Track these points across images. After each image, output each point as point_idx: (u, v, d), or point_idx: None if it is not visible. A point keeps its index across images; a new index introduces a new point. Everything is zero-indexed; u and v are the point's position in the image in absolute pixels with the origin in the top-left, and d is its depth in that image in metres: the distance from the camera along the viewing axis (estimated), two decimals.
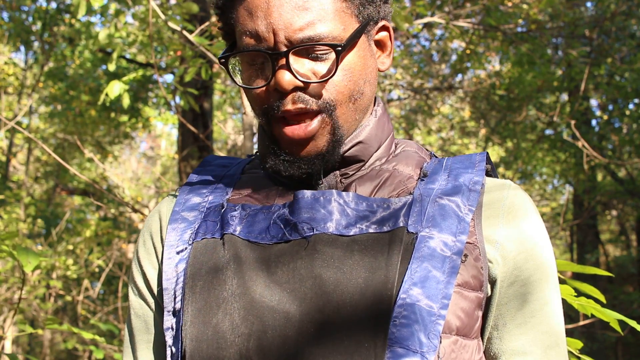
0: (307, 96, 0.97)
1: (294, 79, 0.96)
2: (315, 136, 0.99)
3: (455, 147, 11.93)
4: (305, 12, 0.95)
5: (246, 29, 0.98)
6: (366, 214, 0.98)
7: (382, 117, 1.08)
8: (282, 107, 0.97)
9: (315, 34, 0.95)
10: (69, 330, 2.16)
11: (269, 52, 0.96)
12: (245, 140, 2.72)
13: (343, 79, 0.98)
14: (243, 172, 1.12)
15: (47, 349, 9.15)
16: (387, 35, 1.06)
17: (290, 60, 0.96)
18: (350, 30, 0.98)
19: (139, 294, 1.10)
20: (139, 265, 1.10)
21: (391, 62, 1.08)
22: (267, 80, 0.98)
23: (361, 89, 1.01)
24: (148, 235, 1.11)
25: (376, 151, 1.06)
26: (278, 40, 0.95)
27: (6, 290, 6.88)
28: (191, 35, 3.05)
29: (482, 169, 1.05)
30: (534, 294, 1.02)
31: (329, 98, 0.98)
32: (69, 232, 8.72)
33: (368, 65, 1.02)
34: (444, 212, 0.98)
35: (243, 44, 0.98)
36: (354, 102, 1.00)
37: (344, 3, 0.98)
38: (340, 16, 0.97)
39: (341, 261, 0.94)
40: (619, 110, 9.97)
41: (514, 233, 1.02)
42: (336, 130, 1.00)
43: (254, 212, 1.02)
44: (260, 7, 0.96)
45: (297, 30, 0.95)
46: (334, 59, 0.97)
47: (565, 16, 8.58)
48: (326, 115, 0.98)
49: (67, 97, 9.49)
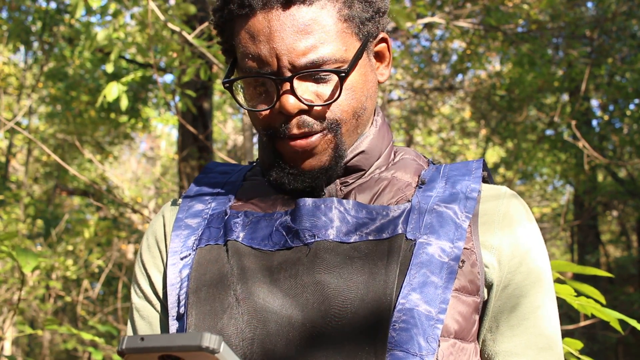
0: (311, 119, 0.99)
1: (298, 103, 0.97)
2: (318, 152, 1.01)
3: (456, 148, 11.93)
4: (308, 36, 0.96)
5: (248, 52, 0.98)
6: (366, 221, 1.00)
7: (382, 126, 1.09)
8: (288, 131, 0.99)
9: (319, 57, 0.96)
10: (68, 331, 2.16)
11: (272, 77, 0.97)
12: (245, 140, 2.71)
13: (346, 99, 1.00)
14: (244, 179, 1.14)
15: (47, 349, 9.14)
16: (385, 46, 1.08)
17: (295, 84, 0.97)
18: (352, 49, 0.99)
19: (144, 297, 1.12)
20: (144, 269, 1.12)
21: (390, 72, 1.10)
22: (271, 102, 1.00)
23: (364, 105, 1.03)
24: (153, 240, 1.13)
25: (377, 160, 1.08)
26: (282, 65, 0.96)
27: (6, 291, 6.87)
28: (190, 36, 3.04)
29: (478, 176, 1.07)
30: (527, 298, 1.04)
31: (333, 118, 1.00)
32: (69, 233, 8.71)
33: (369, 81, 1.04)
34: (442, 220, 1.00)
35: (246, 66, 0.99)
36: (357, 118, 1.03)
37: (344, 23, 0.98)
38: (342, 37, 0.98)
39: (342, 268, 0.96)
40: (620, 110, 9.97)
41: (509, 238, 1.04)
42: (339, 146, 1.02)
43: (256, 219, 1.04)
44: (262, 32, 0.97)
45: (300, 54, 0.96)
46: (337, 81, 0.99)
47: (566, 16, 8.57)
48: (330, 133, 1.01)
49: (67, 97, 9.47)
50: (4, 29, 8.73)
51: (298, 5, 0.96)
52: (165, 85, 7.52)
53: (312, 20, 0.96)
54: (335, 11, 0.97)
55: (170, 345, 0.68)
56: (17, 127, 2.46)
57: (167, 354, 0.69)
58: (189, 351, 0.69)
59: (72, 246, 8.17)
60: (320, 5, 0.97)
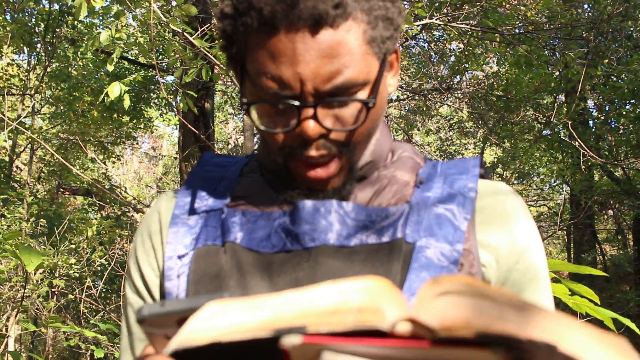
0: (330, 143, 0.95)
1: (320, 129, 0.93)
2: (333, 176, 0.99)
3: (454, 148, 11.97)
4: (333, 60, 0.89)
5: (267, 71, 0.91)
6: (366, 224, 0.98)
7: (383, 130, 1.08)
8: (306, 152, 0.95)
9: (343, 82, 0.91)
10: (71, 329, 2.18)
11: (296, 104, 0.91)
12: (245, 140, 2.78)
13: (366, 123, 0.97)
14: (241, 174, 1.11)
15: (50, 347, 9.19)
16: (395, 56, 1.03)
17: (317, 110, 0.92)
18: (374, 70, 0.94)
19: (137, 293, 1.10)
20: (138, 266, 1.10)
21: (397, 81, 1.05)
22: (288, 123, 0.94)
23: (377, 123, 1.00)
24: (147, 235, 1.11)
25: (380, 164, 1.07)
26: (305, 90, 0.90)
27: (9, 289, 6.92)
28: (192, 37, 3.11)
29: (476, 174, 1.06)
30: (523, 295, 1.04)
31: (352, 141, 0.97)
32: (72, 232, 8.75)
33: (384, 97, 1.00)
34: (440, 221, 0.99)
35: (263, 85, 0.92)
36: (370, 137, 1.01)
37: (367, 45, 0.92)
38: (365, 59, 0.92)
39: (342, 272, 0.95)
40: (616, 110, 9.99)
41: (506, 236, 1.03)
42: (353, 166, 1.00)
43: (254, 219, 1.02)
44: (284, 53, 0.89)
45: (326, 80, 0.90)
46: (360, 106, 0.95)
47: (562, 18, 8.62)
48: (346, 155, 0.98)
49: (70, 98, 9.54)
50: (7, 30, 8.79)
51: (325, 29, 0.88)
52: (167, 86, 7.59)
53: (338, 43, 0.89)
54: (360, 33, 0.91)
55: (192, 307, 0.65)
56: (20, 127, 2.52)
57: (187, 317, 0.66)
58: None
59: (75, 245, 8.20)
60: (346, 28, 0.90)
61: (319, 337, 0.52)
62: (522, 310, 0.53)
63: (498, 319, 0.51)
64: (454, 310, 0.53)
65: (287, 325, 0.53)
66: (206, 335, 0.55)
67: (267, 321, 0.54)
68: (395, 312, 0.54)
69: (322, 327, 0.52)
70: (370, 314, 0.53)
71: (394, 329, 0.52)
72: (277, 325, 0.53)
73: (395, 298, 0.57)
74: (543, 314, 0.53)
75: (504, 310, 0.53)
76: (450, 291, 0.55)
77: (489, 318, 0.51)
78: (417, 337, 0.52)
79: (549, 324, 0.52)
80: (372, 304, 0.54)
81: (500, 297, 0.54)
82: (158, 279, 1.07)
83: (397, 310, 0.55)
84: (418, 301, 0.56)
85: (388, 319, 0.53)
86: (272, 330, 0.53)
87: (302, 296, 0.57)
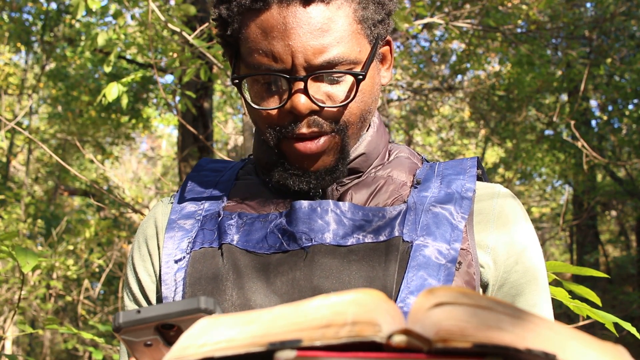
0: (322, 120, 0.97)
1: (311, 104, 0.95)
2: (324, 152, 0.99)
3: (455, 148, 11.94)
4: (324, 35, 0.93)
5: (259, 47, 0.94)
6: (362, 223, 0.99)
7: (379, 127, 1.09)
8: (297, 130, 0.96)
9: (334, 57, 0.94)
10: (68, 331, 2.16)
11: (286, 76, 0.94)
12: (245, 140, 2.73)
13: (356, 102, 0.99)
14: (237, 177, 1.12)
15: (47, 349, 9.15)
16: (388, 48, 1.07)
17: (308, 84, 0.94)
18: (365, 51, 0.97)
19: (134, 300, 1.10)
20: (134, 271, 1.11)
21: (391, 74, 1.08)
22: (280, 100, 0.97)
23: (370, 107, 1.01)
24: (143, 240, 1.11)
25: (374, 160, 1.08)
26: (296, 63, 0.93)
27: (6, 290, 6.88)
28: (191, 37, 3.06)
29: (473, 175, 1.06)
30: (522, 296, 1.04)
31: (343, 120, 0.98)
32: (70, 233, 8.72)
33: (376, 83, 1.02)
34: (438, 221, 0.99)
35: (254, 62, 0.95)
36: (362, 121, 1.01)
37: (358, 25, 0.96)
38: (356, 38, 0.96)
39: (339, 271, 0.95)
40: (619, 110, 9.97)
41: (504, 238, 1.04)
42: (345, 148, 1.00)
43: (250, 221, 1.02)
44: (276, 27, 0.93)
45: (317, 53, 0.93)
46: (351, 83, 0.97)
47: (565, 17, 8.58)
48: (338, 135, 0.99)
49: (68, 97, 9.49)
50: (4, 29, 8.74)
51: (316, 4, 0.93)
52: (166, 86, 7.54)
53: (329, 19, 0.93)
54: (351, 11, 0.95)
55: (169, 313, 0.66)
56: (18, 128, 2.47)
57: (164, 323, 0.67)
58: (187, 315, 0.68)
59: (72, 246, 8.17)
60: (337, 5, 0.94)
61: (314, 351, 0.52)
62: (519, 319, 0.53)
63: (495, 329, 0.51)
64: (450, 320, 0.52)
65: (280, 339, 0.53)
66: (198, 350, 0.55)
67: (261, 335, 0.54)
68: (390, 324, 0.54)
69: (317, 340, 0.52)
70: (364, 326, 0.53)
71: (390, 341, 0.52)
72: (270, 340, 0.53)
73: (389, 310, 0.57)
74: (541, 323, 0.53)
75: (501, 319, 0.52)
76: (445, 302, 0.55)
77: (485, 328, 0.51)
78: (413, 349, 0.52)
79: (547, 333, 0.52)
80: (366, 316, 0.54)
81: (496, 306, 0.54)
82: (155, 285, 1.08)
83: (392, 322, 0.54)
84: (413, 312, 0.56)
85: (383, 331, 0.52)
86: (265, 344, 0.52)
87: (295, 310, 0.57)
